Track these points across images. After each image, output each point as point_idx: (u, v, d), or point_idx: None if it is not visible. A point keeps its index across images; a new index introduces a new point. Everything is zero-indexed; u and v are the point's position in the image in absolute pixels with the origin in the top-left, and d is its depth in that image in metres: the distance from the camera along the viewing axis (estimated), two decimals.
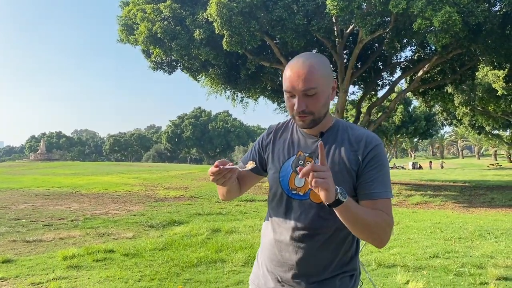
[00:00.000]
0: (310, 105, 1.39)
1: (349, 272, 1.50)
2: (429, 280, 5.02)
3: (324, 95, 1.40)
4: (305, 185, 1.46)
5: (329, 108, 1.49)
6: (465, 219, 10.00)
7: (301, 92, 1.37)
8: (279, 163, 1.55)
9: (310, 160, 1.48)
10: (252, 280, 1.66)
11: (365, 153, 1.44)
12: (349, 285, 1.50)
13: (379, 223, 1.37)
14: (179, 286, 4.84)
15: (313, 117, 1.41)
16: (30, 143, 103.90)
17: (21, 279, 5.19)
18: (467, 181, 21.62)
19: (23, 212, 10.86)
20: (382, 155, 1.46)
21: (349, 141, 1.47)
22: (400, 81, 20.40)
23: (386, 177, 1.45)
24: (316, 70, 1.37)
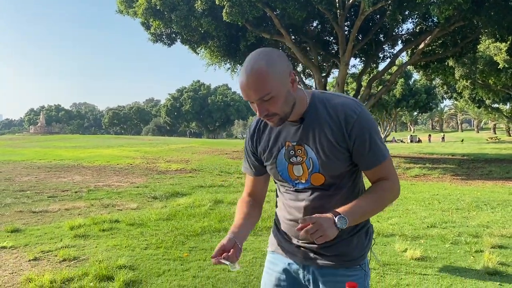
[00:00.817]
0: (271, 108, 1.38)
1: (363, 228, 1.57)
2: (426, 248, 5.19)
3: (281, 94, 1.36)
4: (304, 172, 1.51)
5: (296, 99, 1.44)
6: (463, 191, 10.17)
7: (257, 100, 1.36)
8: (273, 158, 1.57)
9: (300, 148, 1.49)
10: (272, 240, 1.73)
11: (349, 129, 1.43)
12: (365, 240, 1.58)
13: (385, 197, 1.45)
14: (185, 254, 5.00)
15: (279, 117, 1.41)
16: (29, 116, 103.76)
17: (31, 247, 5.35)
18: (465, 154, 21.78)
19: (27, 184, 11.00)
20: (366, 123, 1.44)
21: (330, 118, 1.45)
22: (401, 54, 20.29)
23: (377, 143, 1.45)
24: (265, 75, 1.32)
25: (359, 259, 1.56)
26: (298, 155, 1.50)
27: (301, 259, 1.59)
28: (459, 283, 4.03)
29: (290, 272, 1.62)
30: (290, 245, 1.61)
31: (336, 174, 1.48)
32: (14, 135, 64.99)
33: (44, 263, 4.74)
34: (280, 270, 1.65)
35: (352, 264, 1.55)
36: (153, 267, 4.51)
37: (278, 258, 1.67)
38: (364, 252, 1.57)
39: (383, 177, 1.48)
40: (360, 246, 1.56)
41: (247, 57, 1.41)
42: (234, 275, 4.26)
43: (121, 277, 4.05)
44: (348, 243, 1.54)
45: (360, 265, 1.56)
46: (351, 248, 1.54)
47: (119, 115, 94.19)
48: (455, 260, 4.76)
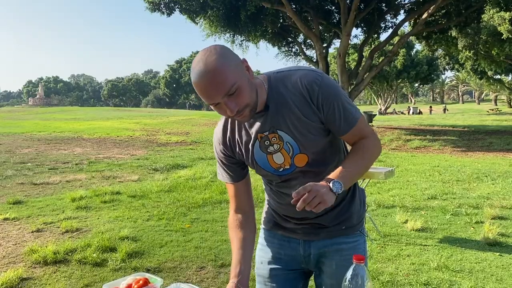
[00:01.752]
0: (240, 101, 1.26)
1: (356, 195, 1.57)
2: (427, 219, 5.22)
3: (244, 83, 1.26)
4: (286, 158, 1.43)
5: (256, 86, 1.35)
6: (463, 163, 10.18)
7: (223, 99, 1.24)
8: (250, 153, 1.48)
9: (274, 135, 1.42)
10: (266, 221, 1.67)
11: (314, 100, 1.36)
12: (360, 205, 1.59)
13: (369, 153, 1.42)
14: (187, 225, 5.03)
15: (250, 108, 1.30)
16: (28, 88, 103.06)
17: (33, 219, 5.38)
18: (466, 126, 21.73)
19: (27, 156, 11.01)
20: (331, 90, 1.36)
21: (294, 95, 1.37)
22: (404, 24, 19.92)
23: (345, 107, 1.38)
24: (223, 69, 1.22)
25: (358, 225, 1.57)
26: (274, 143, 1.43)
27: (301, 235, 1.56)
28: (459, 253, 4.06)
29: (288, 248, 1.59)
30: (288, 224, 1.57)
31: (317, 150, 1.43)
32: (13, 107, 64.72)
33: (46, 234, 4.77)
34: (277, 246, 1.62)
35: (352, 230, 1.55)
36: (156, 238, 4.54)
37: (275, 236, 1.63)
38: (362, 218, 1.59)
39: (361, 137, 1.44)
40: (357, 212, 1.56)
41: (192, 64, 1.30)
42: None
43: (123, 248, 4.08)
44: (347, 210, 1.54)
45: (360, 231, 1.58)
46: (350, 215, 1.54)
47: (118, 87, 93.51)
48: (455, 231, 4.79)
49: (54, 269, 3.74)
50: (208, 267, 3.78)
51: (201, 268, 3.77)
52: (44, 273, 3.66)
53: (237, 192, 1.61)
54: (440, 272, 3.60)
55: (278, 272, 1.61)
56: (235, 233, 1.58)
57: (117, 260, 3.85)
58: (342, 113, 1.37)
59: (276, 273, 1.61)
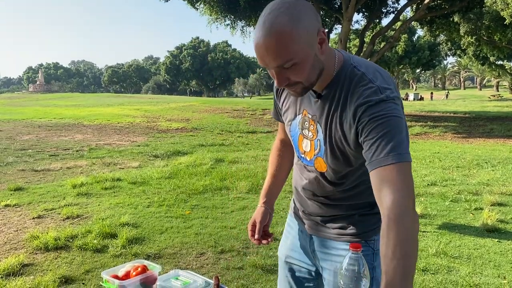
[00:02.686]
0: (293, 77, 1.13)
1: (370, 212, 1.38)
2: (426, 205, 5.23)
3: (307, 60, 1.11)
4: (310, 151, 1.34)
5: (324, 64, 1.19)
6: (464, 149, 10.17)
7: (275, 68, 1.11)
8: (289, 121, 1.41)
9: (313, 124, 1.30)
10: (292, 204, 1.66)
11: (357, 117, 1.15)
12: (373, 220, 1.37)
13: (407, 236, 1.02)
14: (187, 211, 5.05)
15: (302, 85, 1.16)
16: (28, 75, 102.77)
17: (34, 205, 5.40)
18: (467, 112, 21.67)
19: (28, 142, 11.01)
20: (382, 114, 1.11)
21: (348, 101, 1.19)
22: (406, 9, 19.73)
23: (390, 138, 1.08)
24: (288, 37, 1.05)
25: (364, 234, 1.38)
26: (310, 130, 1.32)
27: (308, 228, 1.52)
28: (458, 239, 4.08)
29: (301, 238, 1.56)
30: (300, 212, 1.55)
31: (339, 170, 1.30)
32: (13, 93, 64.60)
33: (47, 220, 4.79)
34: (294, 234, 1.59)
35: (356, 238, 1.39)
36: (156, 225, 4.56)
37: (295, 222, 1.61)
38: (372, 228, 1.38)
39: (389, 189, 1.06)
40: (366, 222, 1.39)
41: (264, 8, 1.11)
42: (236, 232, 4.31)
43: (124, 234, 4.11)
44: (349, 218, 1.41)
45: (367, 241, 1.37)
46: (353, 223, 1.40)
47: (118, 73, 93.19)
48: (454, 217, 4.80)
49: (55, 255, 3.77)
50: (208, 253, 3.81)
51: (201, 254, 3.79)
52: (45, 259, 3.69)
53: (282, 128, 1.59)
54: (438, 258, 3.62)
55: (293, 260, 1.58)
56: (273, 159, 1.64)
57: (118, 246, 3.88)
58: (379, 143, 1.09)
59: (291, 261, 1.59)
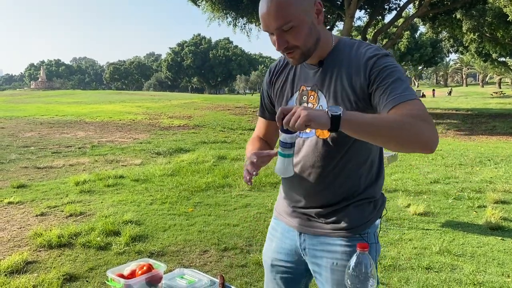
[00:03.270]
0: (291, 40, 1.26)
1: (366, 199, 1.41)
2: (429, 203, 5.22)
3: (304, 25, 1.25)
4: None
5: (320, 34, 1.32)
6: (466, 147, 10.15)
7: (276, 30, 1.25)
8: (284, 101, 1.46)
9: (313, 94, 1.38)
10: (276, 206, 1.67)
11: (368, 68, 1.27)
12: (368, 209, 1.41)
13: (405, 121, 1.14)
14: (190, 209, 5.06)
15: (300, 51, 1.29)
16: (30, 71, 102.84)
17: (37, 202, 5.42)
18: (469, 109, 21.62)
19: (30, 140, 11.03)
20: (387, 64, 1.26)
21: (352, 60, 1.31)
22: (408, 5, 19.66)
23: (401, 82, 1.23)
24: (284, 3, 1.22)
25: (359, 228, 1.39)
26: (310, 102, 1.39)
27: (297, 226, 1.50)
28: (461, 237, 4.08)
29: (288, 239, 1.54)
30: (288, 209, 1.53)
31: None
32: (15, 90, 64.64)
33: (51, 218, 4.81)
34: (279, 236, 1.58)
35: (350, 233, 1.39)
36: (159, 222, 4.57)
37: (279, 224, 1.59)
38: (366, 221, 1.40)
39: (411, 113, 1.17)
40: (360, 215, 1.40)
41: None
42: (239, 229, 4.31)
43: (127, 232, 4.11)
44: (343, 210, 1.40)
45: (361, 235, 1.40)
46: (348, 216, 1.40)
47: (120, 70, 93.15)
48: (457, 215, 4.80)
49: (59, 252, 3.77)
50: (211, 250, 3.81)
51: (204, 251, 3.80)
52: (48, 256, 3.70)
53: (267, 126, 1.64)
54: (442, 256, 3.62)
55: (280, 263, 1.57)
56: (254, 143, 1.61)
57: (121, 244, 3.89)
58: (393, 86, 1.22)
59: (278, 264, 1.57)
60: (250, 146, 1.59)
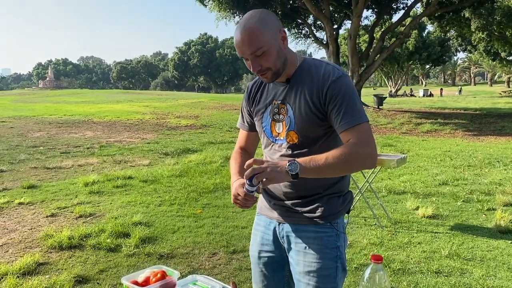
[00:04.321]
0: (264, 63, 1.48)
1: (335, 194, 1.62)
2: (438, 206, 5.20)
3: (273, 49, 1.47)
4: (283, 130, 1.61)
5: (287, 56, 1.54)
6: (475, 147, 10.09)
7: (250, 55, 1.47)
8: (260, 114, 1.69)
9: (283, 106, 1.60)
10: (258, 204, 1.83)
11: (323, 91, 1.50)
12: (338, 202, 1.63)
13: (350, 157, 1.45)
14: (198, 210, 5.08)
15: (272, 72, 1.51)
16: (37, 71, 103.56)
17: (47, 203, 5.47)
18: (478, 108, 21.45)
19: (39, 139, 11.12)
20: (342, 87, 1.50)
21: (311, 83, 1.54)
22: (416, 4, 19.55)
23: (351, 105, 1.49)
24: (256, 32, 1.44)
25: (329, 217, 1.60)
26: (280, 113, 1.61)
27: (277, 217, 1.69)
28: (470, 241, 4.06)
29: (270, 230, 1.72)
30: (269, 203, 1.71)
31: (308, 135, 1.56)
32: (23, 89, 65.15)
33: (61, 219, 4.85)
34: (262, 229, 1.76)
35: (322, 221, 1.60)
36: (168, 224, 4.59)
37: (261, 219, 1.78)
38: (336, 212, 1.62)
39: (355, 141, 1.49)
40: (331, 206, 1.61)
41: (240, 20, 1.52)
42: (247, 232, 4.32)
43: (137, 233, 4.14)
44: (317, 201, 1.61)
45: (331, 223, 1.61)
46: (320, 206, 1.60)
47: (127, 69, 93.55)
48: (467, 218, 4.77)
49: (70, 254, 3.81)
50: (220, 253, 3.83)
51: (213, 254, 3.82)
52: (59, 258, 3.73)
53: (247, 138, 1.85)
54: (451, 260, 3.61)
55: (265, 254, 1.73)
56: (236, 158, 1.80)
57: (131, 245, 3.91)
58: (348, 108, 1.48)
59: (264, 255, 1.74)
60: (233, 165, 1.78)
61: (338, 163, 1.44)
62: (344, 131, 1.49)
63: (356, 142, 1.46)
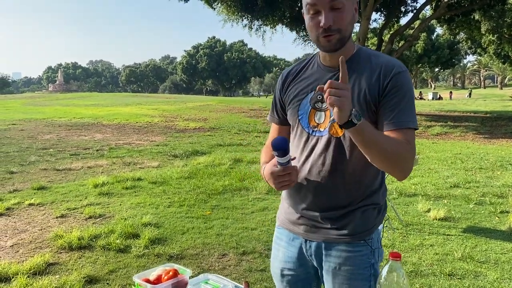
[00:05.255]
0: (337, 20, 1.30)
1: (371, 205, 1.44)
2: (450, 208, 5.14)
3: (350, 11, 1.33)
4: (325, 121, 1.40)
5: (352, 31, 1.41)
6: (486, 150, 9.97)
7: (328, 4, 1.29)
8: (297, 101, 1.49)
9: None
10: (278, 215, 1.67)
11: (385, 81, 1.34)
12: (373, 215, 1.45)
13: (399, 151, 1.29)
14: (208, 212, 5.06)
15: (339, 35, 1.33)
16: (48, 74, 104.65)
17: (57, 204, 5.49)
18: (488, 111, 21.24)
19: (49, 142, 11.19)
20: (405, 82, 1.35)
21: (370, 70, 1.37)
22: (425, 7, 19.43)
23: (409, 105, 1.35)
24: None
25: (363, 234, 1.43)
26: (324, 101, 1.34)
27: (303, 233, 1.51)
28: (484, 244, 4.00)
29: (294, 247, 1.55)
30: (294, 216, 1.54)
31: None
32: (33, 93, 65.81)
33: (71, 220, 4.86)
34: (285, 245, 1.58)
35: (354, 239, 1.42)
36: (177, 225, 4.58)
37: (283, 233, 1.60)
38: (370, 227, 1.44)
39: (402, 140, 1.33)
40: (365, 220, 1.43)
41: None
42: (257, 233, 4.30)
43: (146, 234, 4.13)
44: (350, 215, 1.42)
45: (365, 240, 1.43)
46: (352, 221, 1.42)
47: (135, 73, 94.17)
48: (479, 220, 4.71)
49: (79, 254, 3.81)
50: (230, 254, 3.80)
51: (223, 255, 3.79)
52: (69, 258, 3.73)
53: (277, 132, 1.64)
54: (464, 262, 3.55)
55: (289, 272, 1.57)
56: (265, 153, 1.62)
57: (140, 246, 3.91)
58: (404, 107, 1.34)
59: (287, 273, 1.57)
60: (263, 157, 1.61)
61: (388, 149, 1.27)
62: (394, 130, 1.32)
63: (410, 147, 1.32)
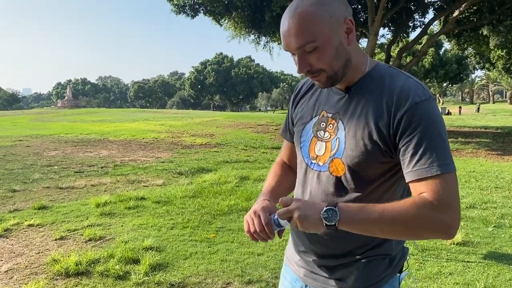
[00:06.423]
0: (314, 63, 1.09)
1: (379, 256, 1.20)
2: (468, 232, 4.87)
3: (330, 45, 1.07)
4: (325, 154, 1.19)
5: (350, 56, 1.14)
6: (501, 167, 9.68)
7: (297, 50, 1.08)
8: (302, 124, 1.29)
9: (332, 122, 1.19)
10: (286, 250, 1.54)
11: (398, 114, 1.06)
12: (381, 266, 1.20)
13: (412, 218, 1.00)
14: (212, 235, 4.84)
15: (326, 74, 1.11)
16: (57, 90, 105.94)
17: (57, 225, 5.30)
18: (499, 127, 20.91)
19: (54, 158, 11.07)
20: (427, 116, 1.04)
21: (381, 97, 1.10)
22: (433, 23, 19.33)
23: (434, 143, 1.03)
24: (309, 18, 1.04)
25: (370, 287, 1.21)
26: (327, 131, 1.20)
27: (303, 277, 1.33)
28: (507, 272, 3.73)
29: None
30: (295, 257, 1.38)
31: (360, 170, 1.13)
32: (42, 108, 66.47)
33: (70, 242, 4.66)
34: (288, 285, 1.43)
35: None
36: (180, 249, 4.36)
37: (288, 272, 1.46)
38: (378, 280, 1.20)
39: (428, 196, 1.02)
40: (370, 272, 1.19)
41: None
42: (264, 259, 4.06)
43: (147, 260, 3.92)
44: (351, 266, 1.21)
45: None
46: (353, 274, 1.20)
47: (144, 88, 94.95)
48: (500, 245, 4.44)
49: (76, 282, 3.60)
50: (234, 283, 3.57)
51: (227, 284, 3.56)
52: (65, 286, 3.53)
53: (291, 150, 1.45)
54: None
55: None
56: (276, 170, 1.47)
57: (140, 273, 3.69)
58: (424, 150, 1.03)
59: None
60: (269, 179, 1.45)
61: (397, 225, 1.00)
62: (417, 181, 1.03)
63: (432, 202, 1.00)
